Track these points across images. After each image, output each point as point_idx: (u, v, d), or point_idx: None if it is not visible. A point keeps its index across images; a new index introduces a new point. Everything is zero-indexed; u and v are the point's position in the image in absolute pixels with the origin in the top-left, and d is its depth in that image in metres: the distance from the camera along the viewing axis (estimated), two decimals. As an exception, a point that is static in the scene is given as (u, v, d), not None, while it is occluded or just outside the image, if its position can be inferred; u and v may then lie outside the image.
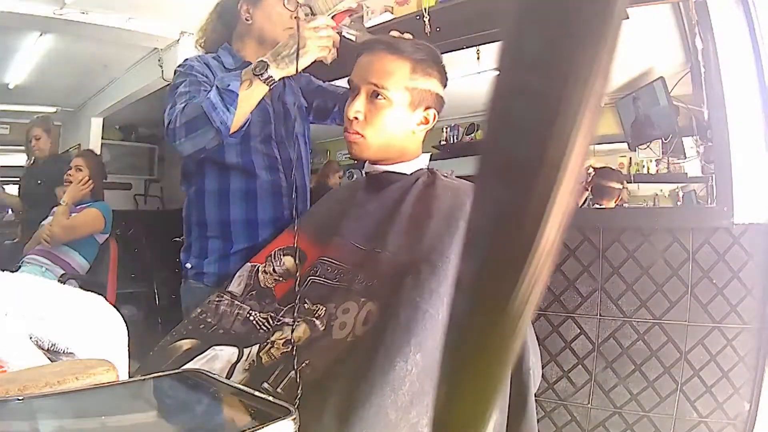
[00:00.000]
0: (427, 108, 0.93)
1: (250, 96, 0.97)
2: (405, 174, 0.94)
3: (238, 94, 0.95)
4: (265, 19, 1.14)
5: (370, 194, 0.95)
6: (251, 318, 0.84)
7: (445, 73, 0.96)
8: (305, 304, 0.79)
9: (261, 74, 0.96)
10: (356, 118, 0.90)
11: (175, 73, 1.13)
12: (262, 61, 0.98)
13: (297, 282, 0.83)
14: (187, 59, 1.14)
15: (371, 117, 0.90)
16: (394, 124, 0.91)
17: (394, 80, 0.89)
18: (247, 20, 1.16)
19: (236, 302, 0.89)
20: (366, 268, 0.79)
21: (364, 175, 1.01)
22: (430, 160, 1.00)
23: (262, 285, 0.90)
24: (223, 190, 1.14)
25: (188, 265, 1.18)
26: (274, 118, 1.18)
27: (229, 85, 0.96)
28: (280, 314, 0.80)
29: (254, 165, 1.13)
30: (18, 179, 3.14)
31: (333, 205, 1.01)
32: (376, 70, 0.89)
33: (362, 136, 0.91)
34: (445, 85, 0.97)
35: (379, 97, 0.89)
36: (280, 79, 0.99)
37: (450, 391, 0.21)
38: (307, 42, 0.97)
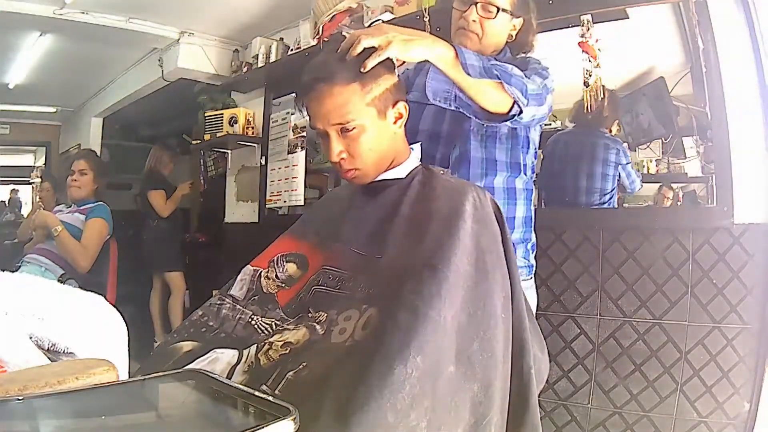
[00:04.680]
0: (394, 104, 0.92)
1: None
2: (400, 178, 0.94)
3: None
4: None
5: (368, 197, 0.95)
6: (253, 322, 0.83)
7: (389, 59, 0.90)
8: (309, 313, 0.78)
9: None
10: (343, 159, 0.90)
11: None
12: None
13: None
14: None
15: (354, 150, 0.89)
16: (377, 140, 0.90)
17: (353, 107, 0.86)
18: None
19: (238, 306, 0.88)
20: (367, 274, 0.78)
21: None
22: None
23: (265, 290, 0.89)
24: None
25: None
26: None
27: None
28: (287, 324, 0.80)
29: None
30: (18, 179, 3.11)
31: (331, 209, 1.00)
32: (332, 110, 0.86)
33: (357, 169, 0.91)
34: (395, 68, 0.93)
35: (349, 128, 0.87)
36: None
37: None
38: None
